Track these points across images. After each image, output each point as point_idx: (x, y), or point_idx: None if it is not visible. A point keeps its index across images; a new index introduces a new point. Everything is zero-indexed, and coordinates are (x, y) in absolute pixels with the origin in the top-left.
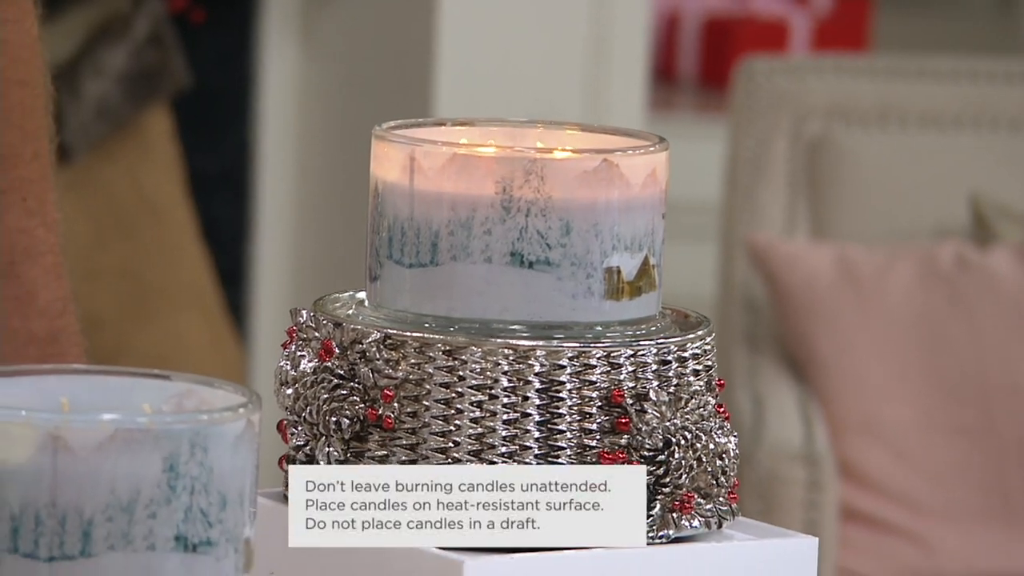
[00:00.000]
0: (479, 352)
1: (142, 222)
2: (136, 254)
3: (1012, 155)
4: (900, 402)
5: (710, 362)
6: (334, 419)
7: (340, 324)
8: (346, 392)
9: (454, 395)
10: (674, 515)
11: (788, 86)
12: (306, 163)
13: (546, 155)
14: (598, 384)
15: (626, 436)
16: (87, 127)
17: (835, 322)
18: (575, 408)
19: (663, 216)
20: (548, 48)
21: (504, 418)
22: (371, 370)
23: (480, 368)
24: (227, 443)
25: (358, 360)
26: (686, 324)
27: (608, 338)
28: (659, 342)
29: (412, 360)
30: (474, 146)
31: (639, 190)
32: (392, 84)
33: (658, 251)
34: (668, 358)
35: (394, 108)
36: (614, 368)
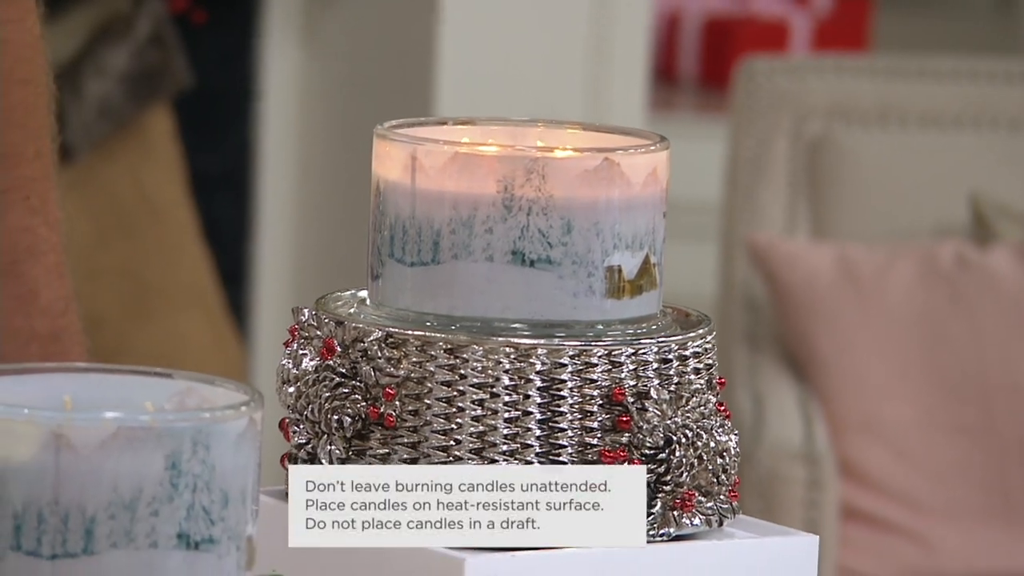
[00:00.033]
0: (480, 351)
1: (143, 222)
2: (137, 254)
3: (1012, 155)
4: (900, 401)
5: (711, 360)
6: (336, 417)
7: (342, 322)
8: (348, 390)
9: (455, 393)
10: (675, 513)
11: (788, 86)
12: (307, 163)
13: (547, 154)
14: (599, 382)
15: (627, 434)
16: (89, 127)
17: (835, 321)
18: (576, 406)
19: (664, 215)
20: (549, 48)
21: (505, 416)
22: (373, 368)
23: (481, 366)
24: (229, 441)
25: (360, 358)
26: (687, 323)
27: (609, 336)
28: (660, 341)
29: (414, 358)
30: (475, 145)
31: (640, 189)
32: (393, 84)
33: (659, 250)
34: (669, 356)
35: (395, 108)
36: (615, 366)
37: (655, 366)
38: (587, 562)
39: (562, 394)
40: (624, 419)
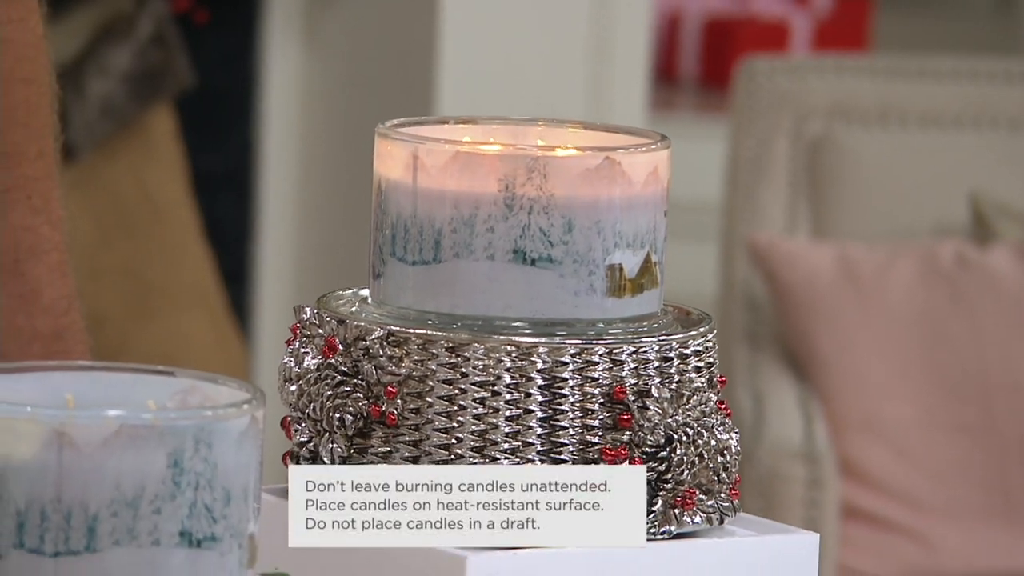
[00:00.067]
0: (482, 349)
1: (146, 221)
2: (139, 253)
3: (1012, 154)
4: (901, 400)
5: (712, 359)
6: (337, 416)
7: (344, 321)
8: (349, 389)
9: (457, 392)
10: (676, 511)
11: (789, 86)
12: (309, 163)
13: (548, 153)
14: (600, 381)
15: (628, 433)
16: (91, 126)
17: (836, 320)
18: (577, 405)
19: (665, 213)
20: (550, 48)
21: (507, 415)
22: (374, 367)
23: (483, 365)
24: (231, 439)
25: (361, 357)
26: (688, 321)
27: (610, 335)
28: (661, 339)
29: (415, 357)
30: (477, 144)
31: (641, 188)
32: (395, 84)
33: (660, 248)
34: (670, 355)
35: (397, 108)
36: (616, 365)
37: (656, 364)
38: (588, 560)
39: (563, 392)
40: (625, 417)
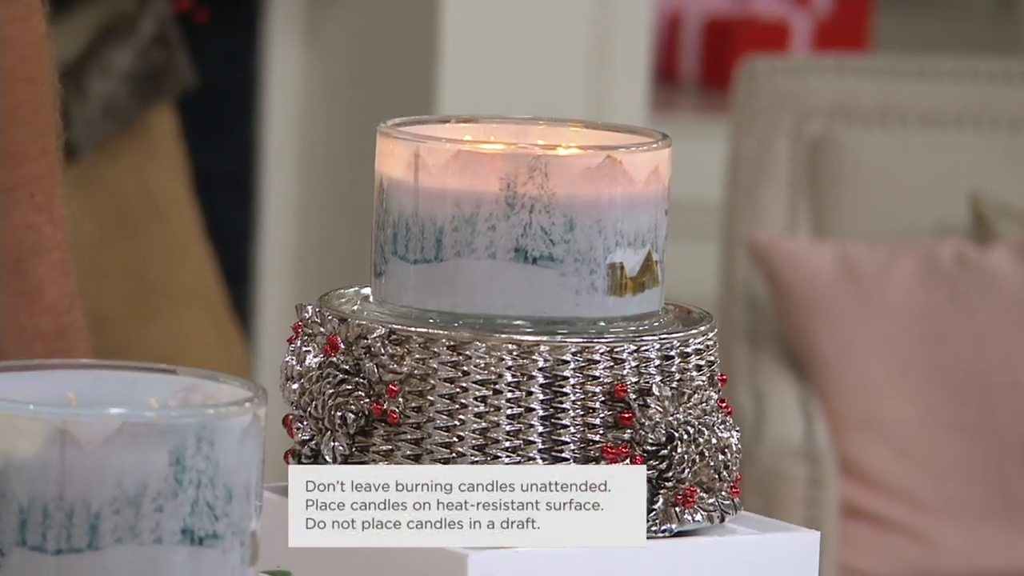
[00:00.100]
0: (483, 347)
1: (147, 221)
2: (141, 253)
3: (1012, 154)
4: (901, 399)
5: (712, 357)
6: (339, 414)
7: (345, 319)
8: (351, 387)
9: (458, 390)
10: (677, 509)
11: (789, 86)
12: (310, 162)
13: (550, 152)
14: (601, 379)
15: (629, 431)
16: (93, 126)
17: (836, 320)
18: (578, 403)
19: (666, 212)
20: (551, 49)
21: (508, 413)
22: (376, 365)
23: (484, 363)
24: (233, 437)
25: (363, 355)
26: (689, 320)
27: (611, 333)
28: (662, 337)
29: (417, 355)
30: (478, 143)
31: (642, 186)
32: (396, 84)
33: (661, 247)
34: (671, 353)
35: (398, 108)
36: (617, 363)
37: (657, 363)
38: (589, 557)
39: (564, 391)
40: (626, 416)
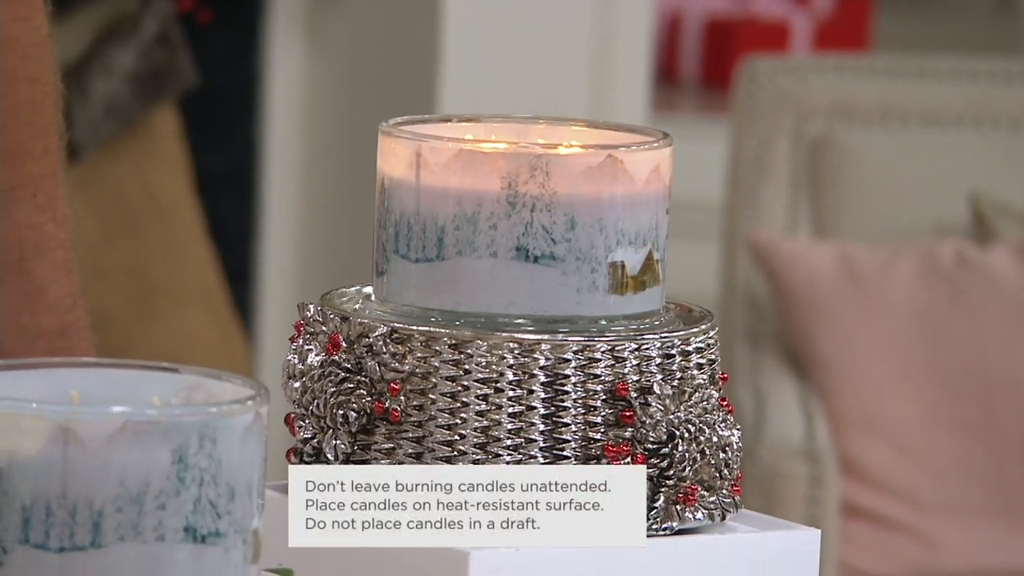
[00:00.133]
0: (485, 346)
1: (149, 221)
2: (143, 252)
3: (1012, 154)
4: (902, 399)
5: (713, 356)
6: (341, 412)
7: (347, 318)
8: (353, 385)
9: (460, 388)
10: (678, 507)
11: (790, 86)
12: (312, 162)
13: (551, 151)
14: (602, 378)
15: (630, 429)
16: (95, 126)
17: (837, 319)
18: (580, 401)
19: (667, 211)
20: (552, 49)
21: (509, 411)
22: (378, 364)
23: (486, 362)
24: (236, 435)
25: (365, 354)
26: (690, 318)
27: (612, 332)
28: (663, 336)
29: (418, 354)
30: (480, 142)
31: (643, 185)
32: (398, 84)
33: (662, 246)
34: (672, 352)
35: (399, 107)
36: (618, 362)
37: (658, 361)
38: (591, 555)
39: (566, 389)
40: (627, 414)
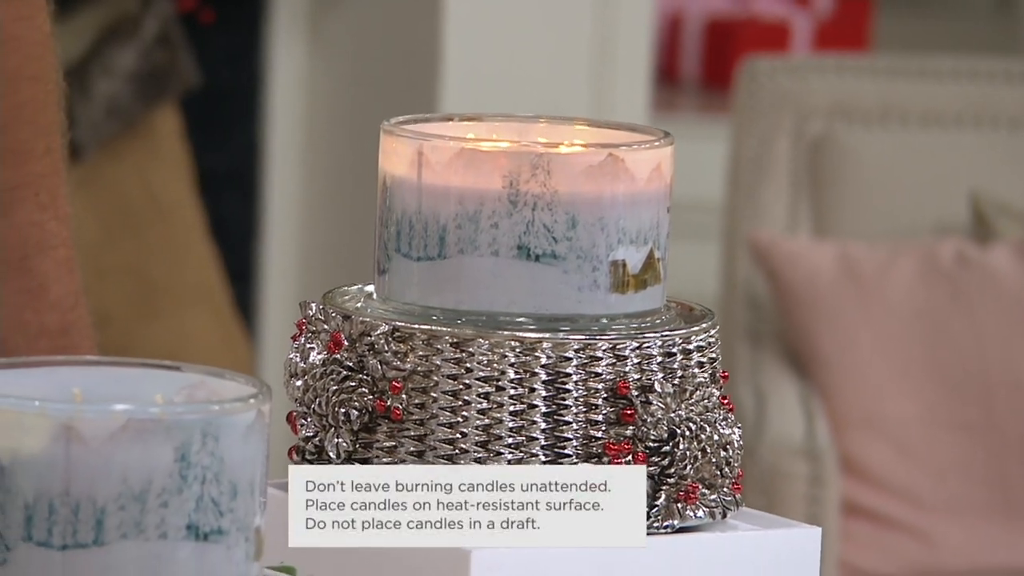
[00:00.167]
0: (486, 344)
1: (151, 220)
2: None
3: (1012, 154)
4: (902, 398)
5: (714, 354)
6: (343, 410)
7: (349, 317)
8: (355, 384)
9: (461, 387)
10: (679, 505)
11: (790, 86)
12: (314, 162)
13: (552, 150)
14: (604, 376)
15: (631, 427)
16: (97, 126)
17: (837, 319)
18: (581, 400)
19: (668, 210)
20: (552, 50)
21: (511, 409)
22: (379, 362)
23: (487, 360)
24: (238, 433)
25: (367, 352)
26: (691, 317)
27: (614, 330)
28: (664, 334)
29: (420, 352)
30: (481, 140)
31: (644, 184)
32: (399, 84)
33: (663, 244)
34: (673, 350)
35: (401, 107)
36: (619, 360)
37: (659, 360)
38: (591, 552)
39: (567, 387)
40: (628, 412)
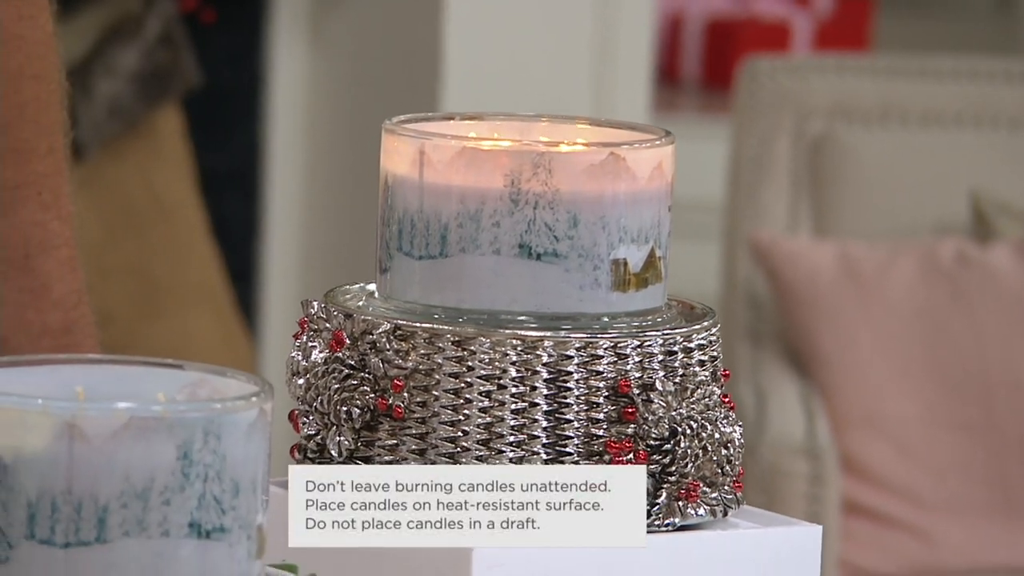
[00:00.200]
0: (488, 343)
1: (152, 220)
2: (146, 252)
3: (1012, 153)
4: (902, 397)
5: (715, 352)
6: (345, 409)
7: (351, 315)
8: (356, 382)
9: (463, 385)
10: (680, 503)
11: (790, 86)
12: (315, 161)
13: (553, 148)
14: (605, 374)
15: (633, 426)
16: (99, 126)
17: (837, 318)
18: (582, 398)
19: (669, 209)
20: (553, 50)
21: (512, 408)
22: (381, 360)
23: (489, 359)
24: (240, 431)
25: (368, 350)
26: (692, 315)
27: (615, 329)
28: (665, 333)
29: (421, 351)
30: (483, 139)
31: (645, 183)
32: (400, 83)
33: (664, 243)
34: (674, 348)
35: (402, 106)
36: (621, 358)
37: (660, 358)
38: (592, 550)
39: (568, 386)
40: (630, 410)
